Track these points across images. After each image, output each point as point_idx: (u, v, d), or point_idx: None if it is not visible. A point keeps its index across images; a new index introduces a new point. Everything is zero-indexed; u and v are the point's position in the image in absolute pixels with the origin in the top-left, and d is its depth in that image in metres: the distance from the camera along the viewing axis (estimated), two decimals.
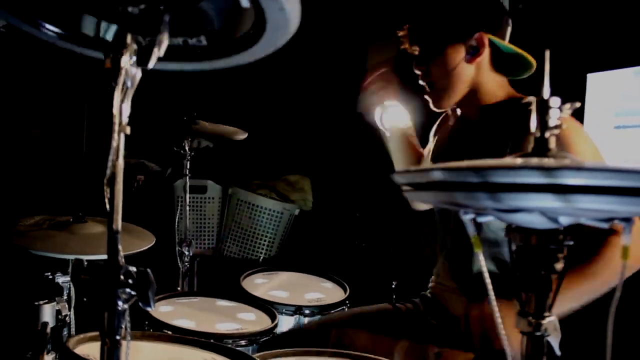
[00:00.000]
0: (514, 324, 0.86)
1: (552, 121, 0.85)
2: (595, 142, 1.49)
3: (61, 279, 1.94)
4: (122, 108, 0.88)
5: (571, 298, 1.31)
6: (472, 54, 1.63)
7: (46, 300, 1.84)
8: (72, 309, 1.92)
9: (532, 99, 0.84)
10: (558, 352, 1.58)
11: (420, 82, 1.72)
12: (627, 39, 2.60)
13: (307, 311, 1.98)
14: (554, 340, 1.56)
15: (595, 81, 2.69)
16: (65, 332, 1.86)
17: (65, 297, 1.92)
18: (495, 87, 1.68)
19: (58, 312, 1.84)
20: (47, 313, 1.79)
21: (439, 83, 1.67)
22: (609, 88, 2.65)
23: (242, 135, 2.75)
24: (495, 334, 1.35)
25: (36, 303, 1.81)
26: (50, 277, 1.94)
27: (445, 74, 1.65)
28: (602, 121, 2.63)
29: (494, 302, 0.89)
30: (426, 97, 1.73)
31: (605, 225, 0.81)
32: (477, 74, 1.66)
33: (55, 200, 3.19)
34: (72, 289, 1.93)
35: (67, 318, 1.88)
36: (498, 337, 0.90)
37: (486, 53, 1.64)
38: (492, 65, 1.66)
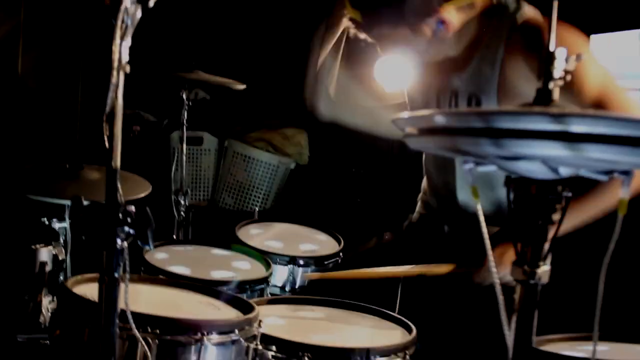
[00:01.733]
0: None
1: (557, 72, 0.84)
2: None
3: (57, 225, 1.95)
4: (121, 46, 0.87)
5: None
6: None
7: (43, 244, 1.85)
8: (68, 254, 1.93)
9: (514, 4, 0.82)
10: None
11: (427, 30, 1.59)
12: (632, 1, 2.57)
13: (301, 262, 1.99)
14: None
15: (599, 42, 2.66)
16: (61, 277, 1.88)
17: (61, 243, 1.93)
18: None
19: (55, 256, 1.85)
20: (44, 256, 1.80)
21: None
22: (612, 50, 2.62)
23: (240, 86, 2.72)
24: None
25: (33, 247, 1.82)
26: (47, 222, 1.95)
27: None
28: None
29: (490, 257, 0.90)
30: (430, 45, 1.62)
31: (604, 178, 0.81)
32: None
33: (52, 147, 3.18)
34: (69, 234, 1.94)
35: (63, 263, 1.90)
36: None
37: None
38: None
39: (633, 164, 0.74)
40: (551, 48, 0.85)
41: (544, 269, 0.87)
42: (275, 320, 1.45)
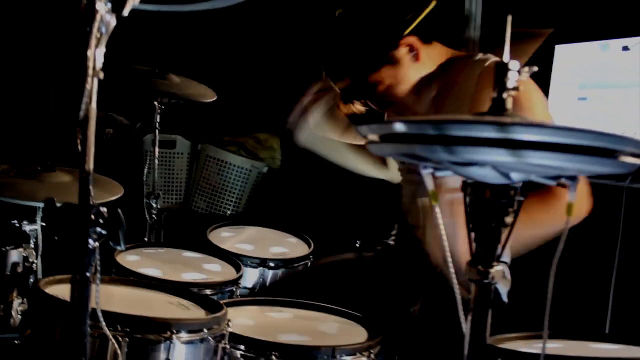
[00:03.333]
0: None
1: (510, 83, 0.90)
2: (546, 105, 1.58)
3: (28, 227, 1.95)
4: (96, 53, 0.90)
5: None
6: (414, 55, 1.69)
7: (13, 246, 1.85)
8: (39, 256, 1.93)
9: (480, 55, 0.88)
10: (506, 300, 1.69)
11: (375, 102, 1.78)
12: (595, 13, 2.66)
13: (271, 264, 2.03)
14: (503, 288, 1.65)
15: (563, 52, 2.75)
16: (32, 279, 1.88)
17: (32, 245, 1.93)
18: (436, 57, 1.73)
19: (25, 258, 1.86)
20: (15, 259, 1.81)
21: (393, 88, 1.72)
22: (575, 60, 2.71)
23: (211, 97, 2.75)
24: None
25: (3, 249, 1.82)
26: (18, 224, 1.95)
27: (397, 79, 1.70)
28: (567, 92, 2.70)
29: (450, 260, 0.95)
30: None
31: (553, 183, 0.86)
32: (423, 62, 1.71)
33: (23, 149, 3.16)
34: (40, 236, 1.94)
35: (34, 265, 1.90)
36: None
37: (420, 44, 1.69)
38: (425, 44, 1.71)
39: (575, 170, 0.79)
40: (505, 60, 0.91)
41: (497, 269, 0.92)
42: (245, 321, 1.49)
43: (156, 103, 2.73)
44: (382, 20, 1.70)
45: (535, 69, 0.93)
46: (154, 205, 2.65)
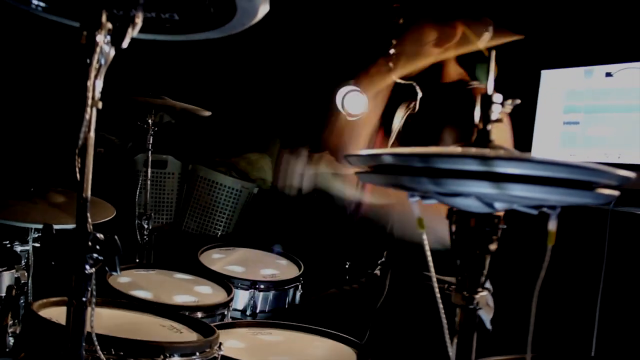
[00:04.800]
0: None
1: (494, 115, 0.94)
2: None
3: (20, 248, 1.97)
4: (95, 84, 0.93)
5: None
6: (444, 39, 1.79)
7: (5, 268, 1.86)
8: (30, 278, 1.94)
9: (476, 84, 0.93)
10: (489, 326, 1.72)
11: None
12: (580, 40, 2.73)
13: (262, 286, 2.05)
14: (486, 315, 1.69)
15: (549, 78, 2.82)
16: (22, 300, 1.89)
17: (23, 265, 1.94)
18: (452, 67, 1.84)
19: (17, 279, 1.86)
20: (6, 280, 1.81)
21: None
22: (560, 85, 2.77)
23: (206, 113, 2.78)
24: None
25: None
26: (9, 245, 1.96)
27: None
28: (552, 116, 2.76)
29: (434, 278, 0.98)
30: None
31: (534, 212, 0.90)
32: (442, 54, 1.80)
33: (16, 170, 3.17)
34: (31, 257, 1.95)
35: (25, 287, 1.91)
36: None
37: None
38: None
39: (555, 200, 0.83)
40: (489, 92, 0.95)
41: (482, 295, 0.95)
42: (236, 343, 1.50)
43: (150, 121, 2.75)
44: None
45: (518, 101, 0.97)
46: (145, 226, 2.67)
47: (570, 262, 1.63)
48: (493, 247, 0.94)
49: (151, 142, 2.82)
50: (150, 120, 2.80)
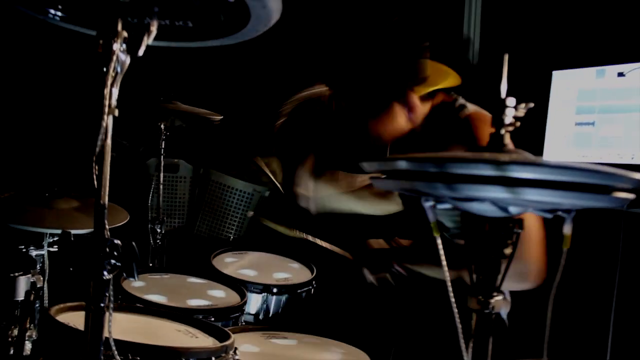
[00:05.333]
0: None
1: (508, 119, 0.94)
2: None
3: (35, 252, 1.98)
4: (111, 91, 0.94)
5: None
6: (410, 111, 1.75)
7: (22, 272, 1.87)
8: (45, 282, 1.96)
9: (462, 100, 0.93)
10: (505, 318, 1.73)
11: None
12: (592, 40, 2.72)
13: (275, 290, 2.05)
14: (503, 309, 1.69)
15: (560, 78, 2.81)
16: (37, 305, 1.91)
17: (38, 270, 1.96)
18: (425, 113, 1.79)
19: (33, 284, 1.88)
20: (23, 285, 1.83)
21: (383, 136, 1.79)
22: (572, 85, 2.76)
23: (217, 117, 2.79)
24: None
25: (12, 275, 1.84)
26: (24, 250, 1.98)
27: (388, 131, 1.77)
28: (564, 117, 2.75)
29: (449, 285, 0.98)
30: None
31: (549, 216, 0.90)
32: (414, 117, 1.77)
33: (31, 175, 3.19)
34: (47, 262, 1.97)
35: (40, 291, 1.92)
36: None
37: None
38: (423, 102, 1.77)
39: (571, 204, 0.83)
40: (502, 96, 0.95)
41: (497, 299, 0.95)
42: (250, 348, 1.51)
43: (162, 126, 2.77)
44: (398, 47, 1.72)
45: (531, 105, 0.97)
46: (158, 230, 2.68)
47: (584, 265, 1.62)
48: (508, 251, 0.94)
49: (163, 146, 2.84)
50: (162, 125, 2.82)
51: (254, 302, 2.04)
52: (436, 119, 1.76)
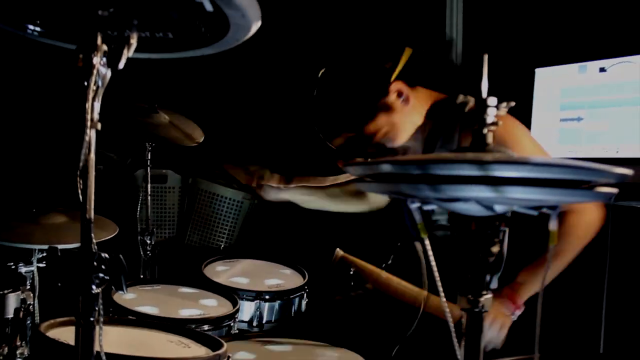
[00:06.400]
0: None
1: (490, 118, 0.95)
2: (532, 137, 1.65)
3: (24, 269, 1.97)
4: (93, 105, 0.94)
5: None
6: (404, 99, 1.78)
7: (11, 290, 1.86)
8: (36, 298, 1.95)
9: (461, 97, 0.93)
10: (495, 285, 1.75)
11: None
12: (573, 36, 2.74)
13: (267, 296, 2.05)
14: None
15: (543, 75, 2.83)
16: (28, 321, 1.89)
17: (28, 287, 1.95)
18: (424, 99, 1.83)
19: (23, 300, 1.87)
20: (12, 302, 1.81)
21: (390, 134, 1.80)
22: (555, 82, 2.78)
23: (199, 138, 2.80)
24: None
25: (1, 293, 1.83)
26: (13, 267, 1.97)
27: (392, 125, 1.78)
28: (548, 114, 2.77)
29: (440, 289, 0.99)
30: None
31: (534, 213, 0.91)
32: (412, 105, 1.80)
33: (18, 192, 3.17)
34: (36, 278, 1.96)
35: (30, 307, 1.91)
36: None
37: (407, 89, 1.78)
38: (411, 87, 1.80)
39: (555, 201, 0.84)
40: (483, 95, 0.95)
41: (487, 298, 0.96)
42: (245, 355, 1.51)
43: (147, 144, 2.78)
44: (364, 72, 1.77)
45: (512, 103, 0.98)
46: (148, 242, 2.67)
47: (573, 260, 1.64)
48: (495, 249, 0.94)
49: (149, 157, 2.83)
50: (147, 142, 2.81)
51: (247, 310, 2.03)
52: (441, 115, 1.79)
